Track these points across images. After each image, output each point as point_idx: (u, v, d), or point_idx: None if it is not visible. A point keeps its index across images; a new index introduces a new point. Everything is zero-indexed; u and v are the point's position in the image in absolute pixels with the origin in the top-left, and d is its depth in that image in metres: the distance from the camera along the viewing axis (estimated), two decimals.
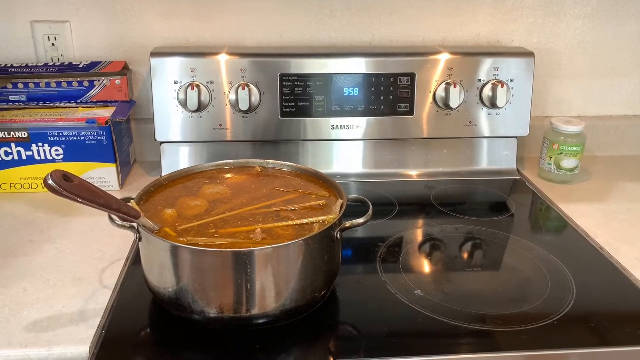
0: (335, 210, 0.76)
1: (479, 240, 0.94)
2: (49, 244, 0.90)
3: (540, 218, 1.06)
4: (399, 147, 1.17)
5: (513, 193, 1.14)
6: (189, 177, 0.86)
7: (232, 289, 0.67)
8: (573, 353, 0.69)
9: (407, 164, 1.18)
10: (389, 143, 1.17)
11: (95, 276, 0.82)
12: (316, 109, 1.11)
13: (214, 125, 1.10)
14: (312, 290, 0.72)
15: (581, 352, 0.69)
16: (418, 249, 0.91)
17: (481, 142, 1.19)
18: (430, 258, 0.89)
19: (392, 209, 1.04)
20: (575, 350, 0.69)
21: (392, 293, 0.79)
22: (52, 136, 1.03)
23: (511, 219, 1.03)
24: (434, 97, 1.12)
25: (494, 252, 0.91)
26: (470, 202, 1.12)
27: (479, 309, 0.76)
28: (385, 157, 1.17)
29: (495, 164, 1.21)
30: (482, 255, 0.91)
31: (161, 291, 0.71)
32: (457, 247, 0.93)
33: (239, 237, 0.70)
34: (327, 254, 0.72)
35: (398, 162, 1.18)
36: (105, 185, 1.07)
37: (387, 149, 1.17)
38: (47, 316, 0.73)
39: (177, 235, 0.70)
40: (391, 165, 1.18)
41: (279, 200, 0.80)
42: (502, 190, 1.15)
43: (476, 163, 1.20)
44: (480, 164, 1.20)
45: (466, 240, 0.95)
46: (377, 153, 1.17)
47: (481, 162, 1.20)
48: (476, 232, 0.96)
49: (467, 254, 0.91)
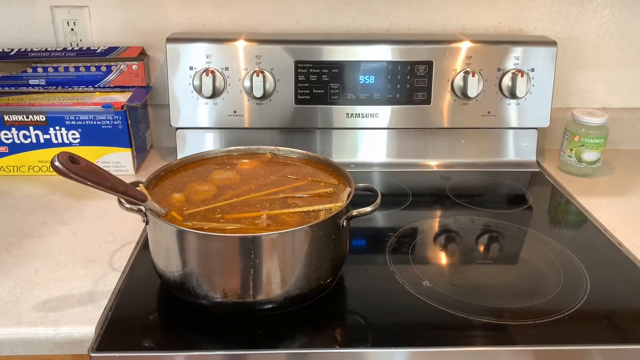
0: (343, 199, 0.75)
1: (493, 233, 0.92)
2: (62, 226, 0.92)
3: (559, 211, 1.04)
4: (415, 137, 1.16)
5: (532, 186, 1.11)
6: (199, 163, 0.86)
7: (236, 274, 0.67)
8: (583, 350, 0.68)
9: (423, 154, 1.16)
10: (405, 132, 1.15)
11: (106, 259, 0.83)
12: (331, 97, 1.10)
13: (229, 111, 1.10)
14: (317, 277, 0.71)
15: (592, 348, 0.68)
16: (429, 240, 0.90)
17: (500, 133, 1.17)
18: (442, 249, 0.88)
19: (405, 200, 1.03)
20: (586, 346, 0.67)
21: (399, 283, 0.78)
22: (69, 120, 1.04)
23: (528, 212, 1.01)
24: (452, 86, 1.10)
25: (507, 245, 0.89)
26: (487, 194, 1.09)
27: (488, 302, 0.74)
28: (400, 146, 1.16)
29: (514, 155, 1.18)
30: (496, 248, 0.89)
31: (167, 274, 0.71)
32: (470, 239, 0.91)
33: (244, 223, 0.70)
34: (333, 242, 0.71)
35: (414, 152, 1.16)
36: (120, 170, 1.09)
37: (403, 138, 1.15)
38: (56, 296, 0.74)
39: (184, 220, 0.70)
40: (406, 155, 1.16)
41: (287, 187, 0.79)
42: (521, 183, 1.12)
43: (495, 154, 1.18)
44: (499, 156, 1.18)
45: (480, 233, 0.93)
46: (393, 142, 1.16)
47: (500, 154, 1.18)
48: (491, 225, 0.95)
49: (480, 246, 0.89)
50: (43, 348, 0.69)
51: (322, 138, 1.15)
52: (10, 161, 1.07)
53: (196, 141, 1.14)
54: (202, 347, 0.67)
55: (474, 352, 0.67)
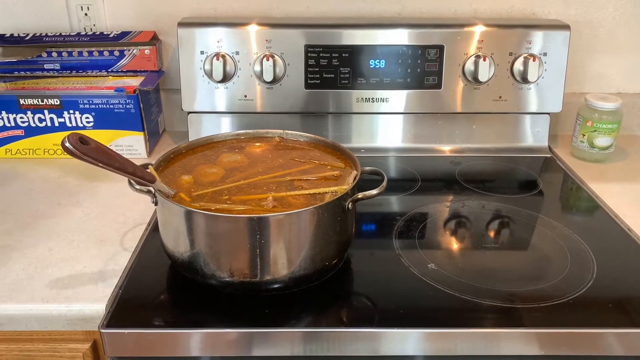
0: (349, 181, 0.75)
1: (502, 218, 0.92)
2: (76, 207, 0.94)
3: (569, 197, 1.03)
4: (426, 122, 1.15)
5: (543, 171, 1.10)
6: (208, 146, 0.87)
7: (242, 254, 0.68)
8: (587, 332, 0.68)
9: (434, 139, 1.16)
10: (416, 117, 1.15)
11: (117, 239, 0.85)
12: (341, 81, 1.10)
13: (239, 96, 1.11)
14: (323, 259, 0.72)
15: (596, 331, 0.68)
16: (437, 224, 0.90)
17: (512, 118, 1.16)
18: (449, 234, 0.88)
19: (414, 184, 1.03)
20: (590, 329, 0.68)
21: (405, 266, 0.78)
22: (82, 104, 1.06)
23: (539, 197, 1.00)
24: (463, 70, 1.10)
25: (516, 230, 0.89)
26: (497, 179, 1.09)
27: (494, 285, 0.75)
28: (410, 131, 1.16)
29: (526, 140, 1.17)
30: (504, 232, 0.89)
31: (176, 254, 0.73)
32: (478, 223, 0.91)
33: (250, 204, 0.71)
34: (338, 224, 0.72)
35: (424, 137, 1.16)
36: (133, 154, 1.10)
37: (413, 123, 1.15)
38: (68, 275, 0.76)
39: (192, 201, 0.72)
40: (417, 140, 1.16)
41: (295, 170, 0.80)
42: (532, 168, 1.12)
43: (506, 139, 1.17)
44: (511, 141, 1.17)
45: (489, 218, 0.93)
46: (403, 127, 1.16)
47: (511, 139, 1.17)
48: (500, 210, 0.94)
49: (488, 231, 0.89)
50: (56, 324, 0.71)
51: (332, 123, 1.15)
52: (26, 144, 1.09)
53: (207, 125, 1.15)
54: (209, 325, 0.68)
55: (478, 333, 0.68)
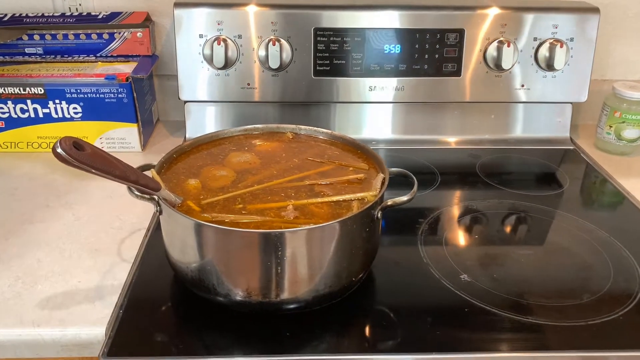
0: (376, 186, 0.68)
1: (532, 219, 0.86)
2: (66, 209, 0.85)
3: (600, 195, 0.96)
4: (443, 111, 1.08)
5: (567, 165, 1.03)
6: (214, 143, 0.79)
7: (261, 272, 0.60)
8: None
9: (450, 130, 1.09)
10: (432, 107, 1.07)
11: (114, 248, 0.76)
12: (353, 68, 1.02)
13: (242, 84, 1.02)
14: (349, 274, 0.65)
15: None
16: (464, 227, 0.83)
17: (533, 108, 1.09)
18: (478, 238, 0.81)
19: (433, 180, 0.95)
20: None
21: (436, 278, 0.71)
22: (69, 93, 0.96)
23: (569, 195, 0.93)
24: (484, 56, 1.02)
25: (549, 234, 0.83)
26: (520, 174, 1.02)
27: (534, 298, 0.68)
28: (427, 122, 1.08)
29: (546, 131, 1.10)
30: (536, 236, 0.82)
31: (184, 270, 0.65)
32: (507, 226, 0.84)
33: (268, 215, 0.63)
34: (366, 236, 0.64)
35: (441, 127, 1.08)
36: (126, 147, 1.01)
37: (430, 113, 1.08)
38: (61, 292, 0.68)
39: (201, 211, 0.63)
40: (433, 131, 1.08)
41: (313, 172, 0.72)
42: (556, 162, 1.05)
43: (525, 130, 1.10)
44: (530, 132, 1.10)
45: (517, 219, 0.86)
46: (419, 117, 1.08)
47: (531, 130, 1.10)
48: (527, 209, 0.88)
49: (518, 234, 0.83)
50: (49, 350, 0.63)
51: (342, 113, 1.07)
52: (7, 137, 0.99)
53: (206, 115, 1.06)
54: (225, 351, 0.60)
55: (523, 358, 0.61)
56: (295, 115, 1.06)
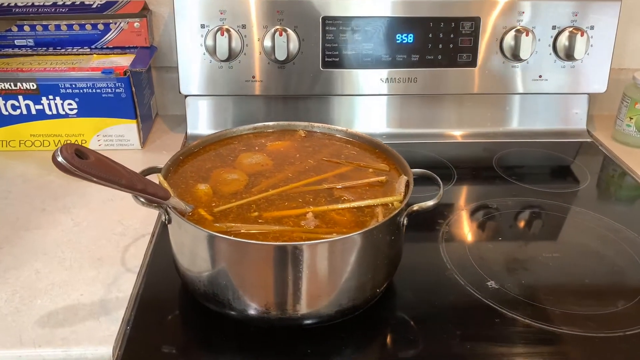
0: (400, 190, 0.63)
1: (555, 218, 0.82)
2: (64, 214, 0.80)
3: (623, 191, 0.93)
4: (456, 104, 1.03)
5: (587, 160, 0.99)
6: (222, 143, 0.74)
7: (281, 286, 0.56)
8: None
9: (464, 123, 1.04)
10: (445, 99, 1.03)
11: (117, 256, 0.71)
12: (363, 59, 0.96)
13: (246, 77, 0.97)
14: (373, 286, 0.60)
15: None
16: (486, 228, 0.79)
17: (549, 99, 1.04)
18: (501, 240, 0.77)
19: (449, 177, 0.91)
20: None
21: (461, 285, 0.67)
22: (64, 88, 0.90)
23: (590, 192, 0.90)
24: (501, 46, 0.97)
25: (574, 234, 0.79)
26: (538, 169, 0.98)
27: (566, 307, 0.64)
28: (439, 115, 1.03)
29: (562, 124, 1.06)
30: (561, 236, 0.78)
31: (195, 283, 0.60)
32: (530, 226, 0.81)
33: (287, 224, 0.58)
34: (391, 244, 0.60)
35: (454, 120, 1.04)
36: (125, 145, 0.96)
37: (443, 105, 1.03)
38: (63, 307, 0.63)
39: (214, 220, 0.59)
40: (446, 124, 1.04)
41: (330, 174, 0.67)
42: (574, 156, 1.01)
43: (540, 122, 1.06)
44: (545, 124, 1.06)
45: (539, 218, 0.82)
46: (431, 110, 1.03)
47: (546, 122, 1.06)
48: (549, 208, 0.84)
49: (542, 235, 0.79)
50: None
51: (352, 106, 1.02)
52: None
53: (208, 110, 1.01)
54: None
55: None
56: (302, 109, 1.01)
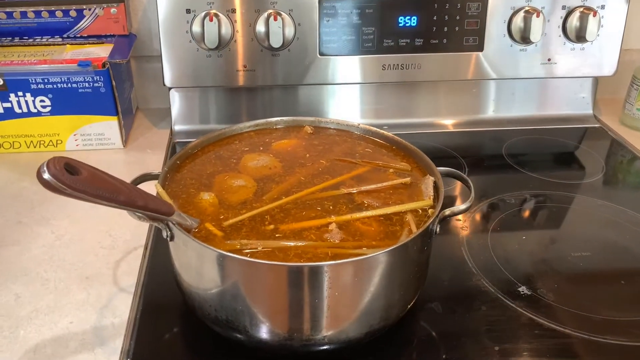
0: (428, 193, 0.57)
1: (579, 212, 0.77)
2: (43, 226, 0.71)
3: None
4: (461, 90, 0.98)
5: (598, 146, 0.95)
6: (222, 143, 0.66)
7: (306, 310, 0.49)
8: None
9: (469, 110, 0.99)
10: (450, 86, 0.97)
11: (108, 273, 0.64)
12: (364, 45, 0.89)
13: (237, 66, 0.89)
14: (404, 302, 0.54)
15: None
16: (507, 225, 0.74)
17: (556, 83, 0.99)
18: (525, 239, 0.71)
19: (459, 169, 0.84)
20: None
21: (491, 292, 0.62)
22: (34, 83, 0.81)
23: (614, 183, 0.85)
24: (509, 28, 0.91)
25: (601, 229, 0.74)
26: (549, 158, 0.93)
27: (607, 312, 0.59)
28: (444, 102, 0.98)
29: (567, 108, 1.02)
30: (592, 233, 0.73)
31: (205, 308, 0.53)
32: (552, 222, 0.76)
33: (309, 238, 0.51)
34: (423, 256, 0.54)
35: (460, 108, 0.98)
36: (105, 144, 0.87)
37: (447, 92, 0.97)
38: (50, 338, 0.55)
39: (225, 237, 0.51)
40: (451, 111, 0.98)
41: (347, 176, 0.61)
42: (579, 141, 0.96)
43: (546, 108, 1.01)
44: (551, 109, 1.01)
45: (560, 213, 0.77)
46: (435, 98, 0.97)
47: (551, 107, 1.01)
48: (568, 201, 0.79)
49: (567, 231, 0.74)
50: None
51: (353, 95, 0.95)
52: None
53: (196, 103, 0.93)
54: None
55: None
56: (299, 100, 0.94)
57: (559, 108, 1.01)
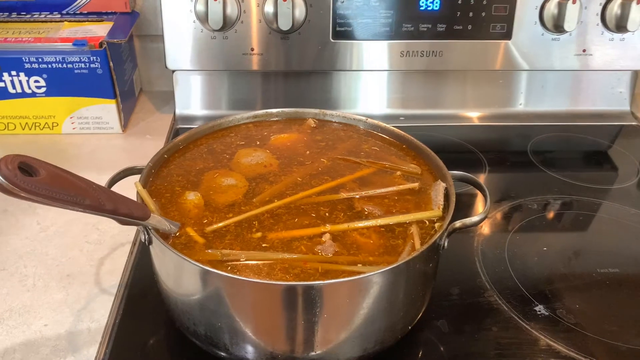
0: (437, 201, 0.51)
1: (610, 222, 0.70)
2: (29, 216, 0.67)
3: None
4: (486, 81, 0.90)
5: (632, 144, 0.87)
6: (216, 135, 0.61)
7: (291, 332, 0.44)
8: None
9: (493, 103, 0.92)
10: (473, 76, 0.90)
11: (91, 272, 0.60)
12: (381, 29, 0.83)
13: (243, 49, 0.83)
14: (405, 324, 0.49)
15: None
16: (527, 235, 0.67)
17: (590, 77, 0.92)
18: (547, 250, 0.65)
19: (478, 169, 0.79)
20: None
21: (504, 310, 0.56)
22: (28, 63, 0.76)
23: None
24: (541, 16, 0.83)
25: (631, 242, 0.67)
26: (583, 159, 0.86)
27: (635, 341, 0.53)
28: (467, 93, 0.91)
29: (602, 104, 0.94)
30: (620, 246, 0.66)
31: (183, 320, 0.48)
32: (581, 231, 0.69)
33: (298, 249, 0.46)
34: (428, 274, 0.48)
35: (483, 100, 0.91)
36: (103, 128, 0.83)
37: (471, 83, 0.91)
38: (22, 341, 0.52)
39: (206, 244, 0.46)
40: (474, 104, 0.91)
41: (349, 178, 0.55)
42: (617, 142, 0.88)
43: (578, 103, 0.94)
44: (583, 104, 0.94)
45: (588, 222, 0.70)
46: (457, 88, 0.91)
47: (584, 102, 0.94)
48: (597, 208, 0.72)
49: (597, 243, 0.67)
50: None
51: (367, 84, 0.89)
52: None
53: (200, 87, 0.88)
54: None
55: None
56: (309, 88, 0.88)
57: (593, 103, 0.93)
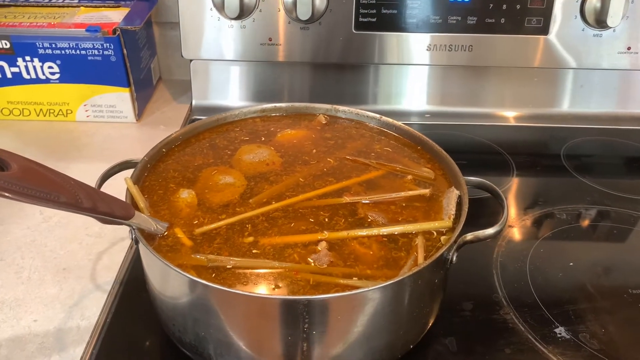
0: (449, 210, 0.47)
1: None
2: (33, 205, 0.66)
3: None
4: (519, 79, 0.85)
5: None
6: (219, 129, 0.58)
7: (278, 347, 0.41)
8: None
9: (526, 102, 0.86)
10: (505, 73, 0.84)
11: (87, 267, 0.58)
12: (407, 21, 0.78)
13: (262, 39, 0.79)
14: (406, 342, 0.45)
15: None
16: (553, 249, 0.62)
17: (632, 77, 0.84)
18: (573, 266, 0.60)
19: (506, 174, 0.74)
20: None
21: (520, 331, 0.51)
22: (42, 48, 0.75)
23: None
24: (581, 9, 0.77)
25: None
26: (622, 166, 0.80)
27: None
28: (498, 91, 0.85)
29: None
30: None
31: (169, 327, 0.46)
32: (613, 247, 0.63)
33: (291, 257, 0.43)
34: (433, 289, 0.44)
35: (514, 99, 0.85)
36: (117, 117, 0.81)
37: (503, 80, 0.85)
38: (9, 336, 0.50)
39: (194, 248, 0.43)
40: (504, 103, 0.86)
41: (355, 181, 0.51)
42: None
43: (617, 105, 0.87)
44: (623, 107, 0.87)
45: (625, 237, 0.64)
46: (488, 86, 0.85)
47: (624, 104, 0.87)
48: (634, 222, 0.66)
49: (629, 261, 0.61)
50: None
51: (390, 78, 0.85)
52: None
53: (217, 77, 0.85)
54: None
55: None
56: (329, 81, 0.84)
57: (631, 106, 0.86)
